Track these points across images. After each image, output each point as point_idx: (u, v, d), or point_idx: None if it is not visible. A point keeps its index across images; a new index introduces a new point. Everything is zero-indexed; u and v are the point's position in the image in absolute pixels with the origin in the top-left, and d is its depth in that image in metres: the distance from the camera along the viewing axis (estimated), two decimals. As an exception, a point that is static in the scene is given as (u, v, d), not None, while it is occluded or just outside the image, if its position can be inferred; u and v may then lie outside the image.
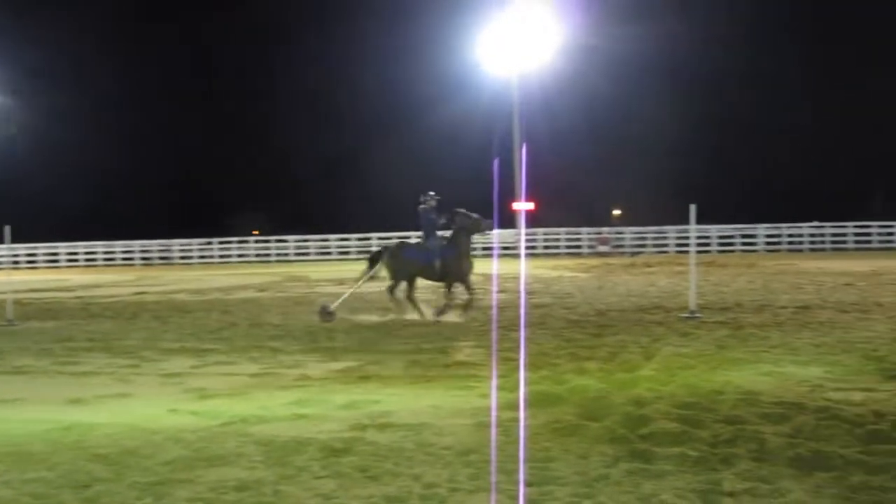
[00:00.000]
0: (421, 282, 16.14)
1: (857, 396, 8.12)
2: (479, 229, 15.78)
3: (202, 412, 8.05)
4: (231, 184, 72.27)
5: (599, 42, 46.92)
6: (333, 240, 49.32)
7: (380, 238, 47.74)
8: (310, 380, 9.69)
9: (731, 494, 5.42)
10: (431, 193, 15.79)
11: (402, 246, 16.56)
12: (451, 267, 15.44)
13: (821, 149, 61.86)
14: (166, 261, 50.52)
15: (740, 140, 63.70)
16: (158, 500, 5.53)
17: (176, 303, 21.41)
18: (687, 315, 14.67)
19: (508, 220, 43.56)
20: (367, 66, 63.96)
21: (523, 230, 43.90)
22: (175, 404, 8.47)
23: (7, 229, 17.94)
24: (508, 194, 43.17)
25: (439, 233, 15.91)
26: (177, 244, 51.09)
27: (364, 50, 62.42)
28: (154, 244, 51.26)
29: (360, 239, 48.45)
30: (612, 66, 51.84)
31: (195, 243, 51.21)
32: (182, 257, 50.69)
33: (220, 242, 51.13)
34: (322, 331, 14.13)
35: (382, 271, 16.24)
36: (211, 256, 50.54)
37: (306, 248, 49.45)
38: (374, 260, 16.39)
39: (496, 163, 44.29)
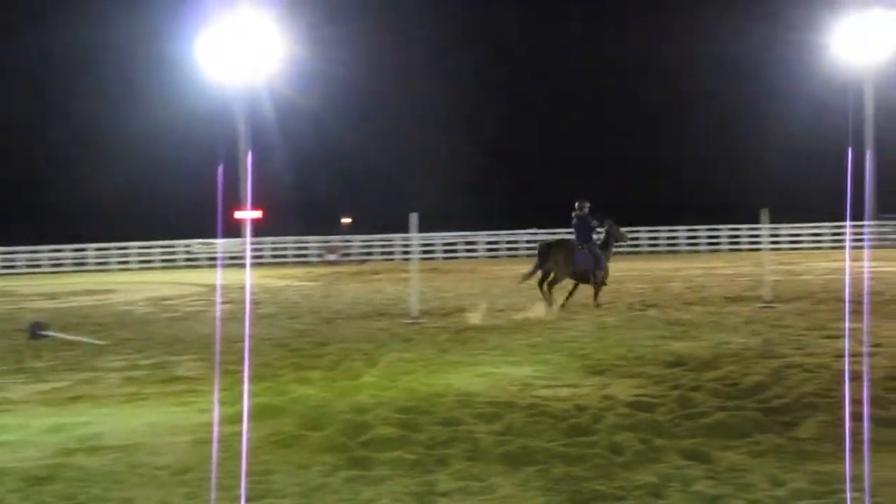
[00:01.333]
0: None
1: (564, 392, 8.68)
2: (623, 240, 19.10)
3: None
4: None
5: (325, 50, 47.17)
6: (45, 251, 46.06)
7: (98, 249, 45.21)
8: (11, 403, 8.99)
9: (445, 494, 5.61)
10: (579, 202, 17.55)
11: (573, 244, 17.48)
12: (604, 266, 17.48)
13: (537, 160, 65.53)
14: None
15: (463, 150, 66.21)
16: None
17: None
18: (410, 321, 15.04)
19: (233, 229, 42.65)
20: (80, 66, 60.19)
21: (249, 239, 43.24)
22: None
23: None
24: (233, 202, 42.28)
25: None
26: None
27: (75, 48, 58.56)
28: None
29: (75, 250, 45.60)
30: (339, 73, 52.18)
31: None
32: None
33: None
34: (28, 350, 13.14)
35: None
36: None
37: (14, 260, 45.84)
38: (543, 255, 17.19)
39: (220, 170, 43.28)
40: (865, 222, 43.04)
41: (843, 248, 43.81)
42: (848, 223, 40.72)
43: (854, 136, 44.52)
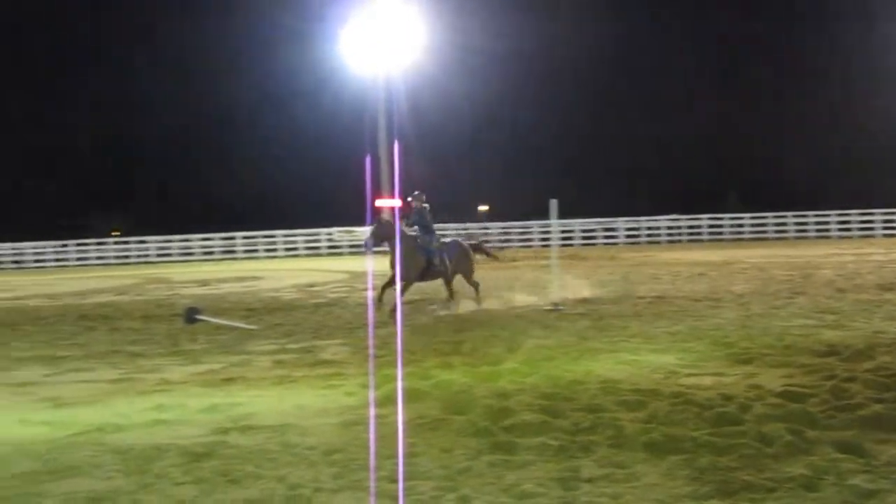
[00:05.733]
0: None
1: (708, 381, 8.49)
2: None
3: (55, 422, 7.73)
4: (81, 182, 68.87)
5: (469, 41, 47.39)
6: (196, 240, 48.08)
7: (245, 237, 46.88)
8: (170, 384, 9.44)
9: (589, 481, 5.58)
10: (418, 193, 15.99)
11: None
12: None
13: (682, 148, 64.16)
14: (19, 265, 48.15)
15: (603, 139, 65.47)
16: (5, 516, 5.30)
17: (27, 309, 20.48)
18: (550, 308, 14.98)
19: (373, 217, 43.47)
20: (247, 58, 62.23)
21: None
22: (26, 415, 8.11)
23: None
24: (374, 191, 43.03)
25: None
26: (29, 247, 48.70)
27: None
28: (5, 248, 48.70)
29: (224, 238, 47.42)
30: (479, 61, 52.29)
31: (49, 246, 49.00)
32: (36, 261, 48.42)
33: (77, 245, 49.10)
34: (184, 333, 13.78)
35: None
36: (67, 260, 48.49)
37: (168, 248, 48.07)
38: None
39: (368, 159, 44.09)
40: None
41: None
42: None
43: None
